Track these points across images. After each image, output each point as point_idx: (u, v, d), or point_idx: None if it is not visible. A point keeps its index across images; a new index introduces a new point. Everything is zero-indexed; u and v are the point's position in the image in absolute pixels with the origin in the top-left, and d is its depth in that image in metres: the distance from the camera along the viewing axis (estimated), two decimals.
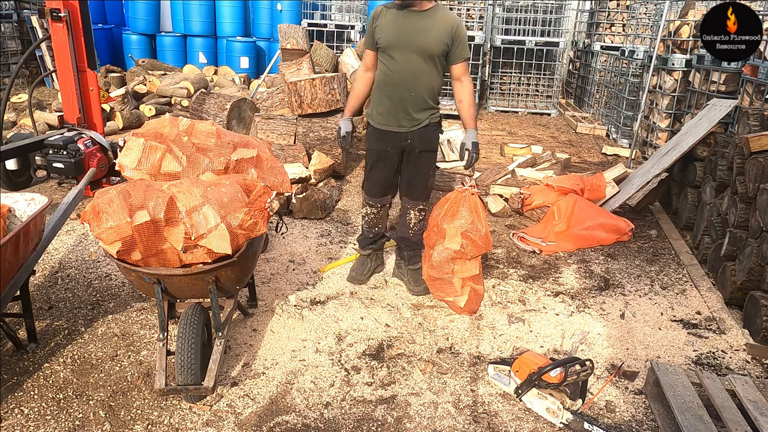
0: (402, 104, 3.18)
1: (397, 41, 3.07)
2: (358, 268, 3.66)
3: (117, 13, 11.77)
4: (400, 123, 3.22)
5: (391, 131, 3.25)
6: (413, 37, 3.05)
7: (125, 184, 2.41)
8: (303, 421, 2.46)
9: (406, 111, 3.20)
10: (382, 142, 3.29)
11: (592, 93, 9.87)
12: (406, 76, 3.12)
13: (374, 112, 3.29)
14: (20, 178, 4.81)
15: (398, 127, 3.23)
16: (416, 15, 3.05)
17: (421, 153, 3.30)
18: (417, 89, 3.15)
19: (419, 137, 3.26)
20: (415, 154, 3.30)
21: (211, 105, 5.78)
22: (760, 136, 3.50)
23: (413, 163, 3.33)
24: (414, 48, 3.07)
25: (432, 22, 3.05)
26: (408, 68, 3.11)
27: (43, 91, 9.22)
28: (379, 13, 3.13)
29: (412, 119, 3.22)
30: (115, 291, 3.43)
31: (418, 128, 3.24)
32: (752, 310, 3.25)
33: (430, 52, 3.08)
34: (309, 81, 5.52)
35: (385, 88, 3.20)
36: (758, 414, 2.35)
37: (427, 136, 3.29)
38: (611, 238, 4.44)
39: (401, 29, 3.06)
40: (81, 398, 2.53)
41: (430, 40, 3.05)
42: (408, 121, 3.22)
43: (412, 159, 3.32)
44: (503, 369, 2.69)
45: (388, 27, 3.09)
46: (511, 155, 6.63)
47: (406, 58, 3.09)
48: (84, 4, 4.37)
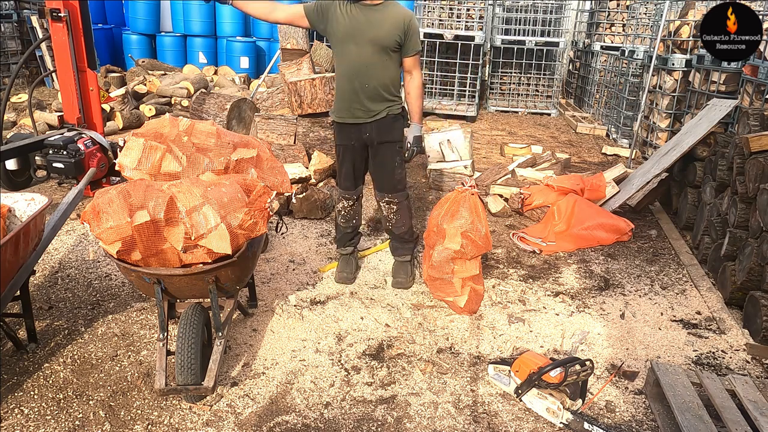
0: (356, 96, 3.24)
1: (351, 34, 3.13)
2: (345, 268, 3.67)
3: (117, 13, 11.77)
4: (356, 115, 3.28)
5: (348, 123, 3.32)
6: (367, 29, 3.12)
7: (125, 184, 2.41)
8: (303, 421, 2.46)
9: (360, 103, 3.25)
10: (344, 135, 3.38)
11: (592, 93, 9.87)
12: (359, 68, 3.18)
13: (335, 107, 3.38)
14: (20, 178, 4.80)
15: (354, 118, 3.29)
16: (369, 9, 3.13)
17: (380, 144, 3.35)
18: (371, 81, 3.21)
19: (377, 129, 3.32)
20: (375, 146, 3.37)
21: (211, 105, 5.78)
22: (760, 136, 3.50)
23: (375, 156, 3.41)
24: (367, 40, 3.13)
25: (384, 16, 3.14)
26: (361, 60, 3.17)
27: (43, 91, 9.22)
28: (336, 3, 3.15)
29: (368, 111, 3.27)
30: (115, 291, 3.43)
31: (375, 120, 3.30)
32: (752, 310, 3.25)
33: (383, 45, 3.15)
34: (309, 81, 5.53)
35: (340, 80, 3.28)
36: (758, 414, 2.35)
37: (385, 127, 3.33)
38: (611, 238, 4.44)
39: (354, 23, 3.12)
40: (81, 398, 2.53)
41: (383, 32, 3.13)
42: (363, 113, 3.27)
43: (373, 151, 3.40)
44: (503, 369, 2.69)
45: (342, 19, 3.13)
46: (511, 155, 6.63)
47: (360, 50, 3.15)
48: (84, 4, 4.37)
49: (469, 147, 5.68)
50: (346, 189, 3.53)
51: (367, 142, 3.37)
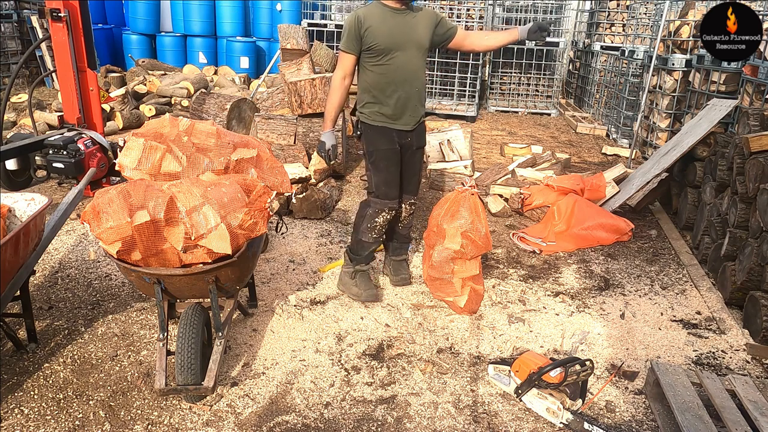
0: (409, 102, 3.20)
1: (397, 41, 3.08)
2: (367, 283, 3.44)
3: (117, 13, 11.77)
4: (407, 122, 3.24)
5: (396, 129, 3.23)
6: (411, 33, 3.11)
7: (125, 184, 2.41)
8: (303, 421, 2.46)
9: (413, 108, 3.23)
10: (389, 140, 3.23)
11: (592, 93, 9.88)
12: (408, 75, 3.15)
13: (375, 113, 3.22)
14: (20, 178, 4.81)
15: (404, 125, 3.24)
16: (402, 13, 3.11)
17: (417, 150, 3.37)
18: (419, 85, 3.23)
19: (417, 134, 3.34)
20: (412, 150, 3.35)
21: (211, 105, 5.78)
22: (760, 136, 3.50)
23: (410, 160, 3.36)
24: (413, 44, 3.13)
25: (417, 18, 3.14)
26: (409, 66, 3.15)
27: (43, 91, 9.22)
28: (364, 17, 3.05)
29: (417, 116, 3.28)
30: (115, 291, 3.43)
31: (418, 125, 3.32)
32: (752, 310, 3.25)
33: (425, 46, 3.18)
34: (309, 81, 5.53)
35: (387, 88, 3.15)
36: (758, 414, 2.35)
37: (422, 132, 3.39)
38: (611, 238, 4.44)
39: (397, 29, 3.08)
40: (81, 398, 2.53)
41: (423, 33, 3.15)
42: (413, 119, 3.27)
43: (409, 156, 3.34)
44: (503, 369, 2.69)
45: (383, 28, 3.06)
46: (511, 155, 6.63)
47: (408, 55, 3.12)
48: (84, 4, 4.37)
49: (469, 147, 5.68)
50: (391, 198, 3.29)
51: (403, 147, 3.28)
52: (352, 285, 3.43)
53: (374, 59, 3.12)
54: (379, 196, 3.28)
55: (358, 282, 3.42)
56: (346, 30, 3.11)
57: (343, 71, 3.17)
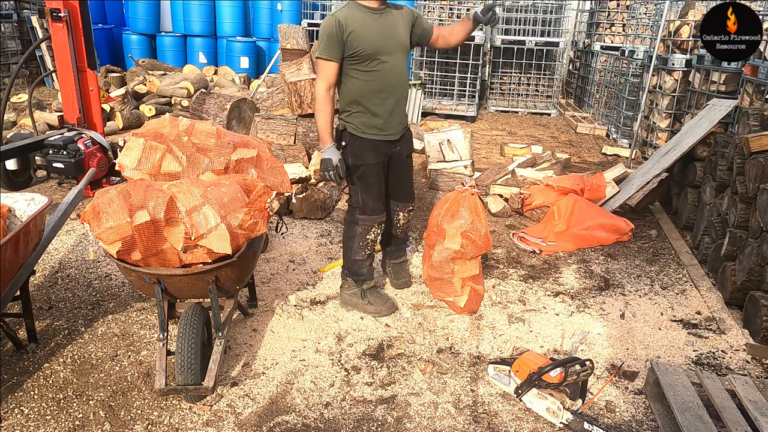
0: (398, 108, 3.05)
1: (383, 44, 2.89)
2: (381, 297, 3.34)
3: (117, 13, 11.78)
4: (396, 129, 3.08)
5: (384, 140, 3.05)
6: (394, 36, 2.95)
7: (125, 184, 2.41)
8: (303, 421, 2.46)
9: (399, 116, 3.08)
10: (376, 154, 3.05)
11: (592, 93, 9.88)
12: (397, 80, 2.99)
13: (363, 123, 3.00)
14: (20, 178, 4.81)
15: (394, 134, 3.08)
16: (383, 14, 2.93)
17: (408, 157, 3.26)
18: (405, 89, 3.07)
19: (405, 141, 3.19)
20: (403, 159, 3.20)
21: (211, 105, 5.78)
22: (760, 136, 3.50)
23: (401, 168, 3.22)
24: (399, 47, 2.97)
25: (395, 17, 2.97)
26: (396, 70, 2.98)
27: (43, 91, 9.22)
28: (345, 21, 2.81)
29: (403, 123, 3.15)
30: (115, 291, 3.43)
31: (405, 132, 3.19)
32: (752, 310, 3.25)
33: (408, 47, 3.03)
34: (309, 81, 5.53)
35: (376, 96, 2.95)
36: (758, 414, 2.35)
37: (409, 138, 3.25)
38: (611, 238, 4.44)
39: (381, 32, 2.89)
40: (81, 398, 2.53)
41: (404, 34, 2.99)
42: (401, 126, 3.12)
43: (400, 164, 3.20)
44: (503, 369, 2.69)
45: (367, 32, 2.84)
46: (511, 155, 6.63)
47: (394, 59, 2.95)
48: (84, 4, 4.37)
49: (469, 147, 5.68)
50: (380, 213, 3.16)
51: (392, 156, 3.13)
52: (366, 304, 3.28)
53: (360, 65, 2.89)
54: (367, 212, 3.14)
55: (371, 300, 3.28)
56: (325, 35, 2.83)
57: (326, 81, 2.90)
